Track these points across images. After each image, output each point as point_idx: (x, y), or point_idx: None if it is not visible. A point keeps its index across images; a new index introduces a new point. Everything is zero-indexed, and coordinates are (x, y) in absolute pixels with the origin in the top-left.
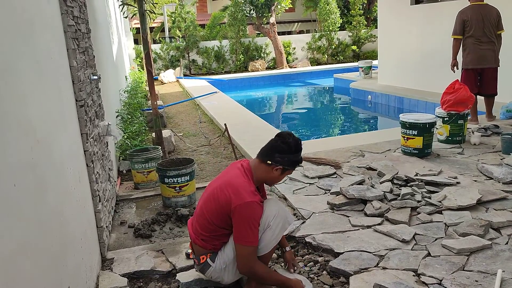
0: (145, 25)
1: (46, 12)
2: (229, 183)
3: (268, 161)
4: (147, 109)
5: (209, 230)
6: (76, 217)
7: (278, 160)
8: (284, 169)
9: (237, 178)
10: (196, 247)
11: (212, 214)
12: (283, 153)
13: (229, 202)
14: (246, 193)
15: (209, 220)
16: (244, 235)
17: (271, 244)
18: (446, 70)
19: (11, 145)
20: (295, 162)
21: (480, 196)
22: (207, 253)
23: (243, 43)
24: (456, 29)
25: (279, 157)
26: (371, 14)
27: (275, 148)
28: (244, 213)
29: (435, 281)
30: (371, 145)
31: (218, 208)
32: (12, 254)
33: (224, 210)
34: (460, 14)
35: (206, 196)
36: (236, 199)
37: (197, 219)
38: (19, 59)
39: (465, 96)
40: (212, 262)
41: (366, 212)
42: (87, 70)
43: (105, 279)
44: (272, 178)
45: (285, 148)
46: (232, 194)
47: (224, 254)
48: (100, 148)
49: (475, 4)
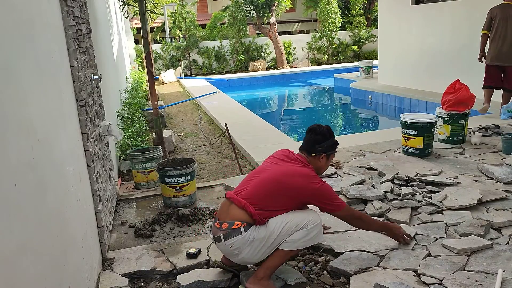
0: (146, 25)
1: (46, 12)
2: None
3: (313, 154)
4: (148, 109)
5: (268, 206)
6: (77, 217)
7: (320, 150)
8: (328, 155)
9: (301, 167)
10: (238, 212)
11: (278, 195)
12: (322, 142)
13: (307, 189)
14: (314, 177)
15: (273, 198)
16: (333, 203)
17: (298, 244)
18: (446, 70)
19: (11, 145)
20: (334, 145)
21: (481, 196)
22: (244, 221)
23: (244, 43)
24: (485, 25)
25: (319, 147)
26: (372, 14)
27: (314, 141)
28: (322, 194)
29: (436, 281)
30: (371, 145)
31: (287, 192)
32: (12, 254)
33: (296, 194)
34: (489, 11)
35: (265, 177)
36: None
37: (255, 192)
38: (20, 59)
39: (466, 96)
40: (244, 231)
41: (367, 212)
42: (88, 70)
43: (106, 279)
44: (321, 166)
45: (321, 137)
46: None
47: (257, 230)
48: (100, 148)
49: (506, 3)
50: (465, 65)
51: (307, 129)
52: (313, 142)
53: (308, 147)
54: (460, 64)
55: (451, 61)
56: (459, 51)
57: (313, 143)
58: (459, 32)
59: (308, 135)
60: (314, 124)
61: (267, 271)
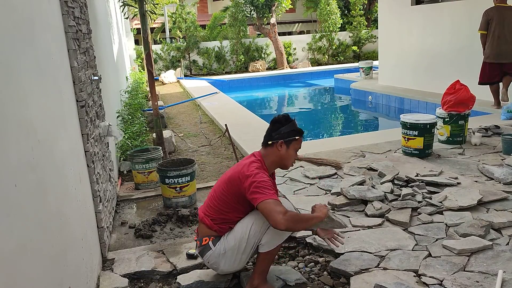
0: (146, 26)
1: (47, 13)
2: (240, 164)
3: (269, 142)
4: (148, 110)
5: (219, 212)
6: (77, 218)
7: (276, 137)
8: (287, 142)
9: (247, 160)
10: (202, 227)
11: (223, 195)
12: (277, 130)
13: (240, 177)
14: (254, 166)
15: (220, 201)
16: (260, 194)
17: (274, 241)
18: (446, 70)
19: (11, 145)
20: (293, 131)
21: (481, 197)
22: (210, 235)
23: (244, 43)
24: (482, 26)
25: (276, 134)
26: (372, 15)
27: (269, 130)
28: (255, 178)
29: (436, 281)
30: (371, 145)
31: (229, 188)
32: (12, 254)
33: (235, 188)
34: (485, 13)
35: (218, 183)
36: (246, 170)
37: (208, 202)
38: (20, 60)
39: (466, 97)
40: (213, 246)
41: (367, 212)
42: (88, 70)
43: (106, 280)
44: (282, 156)
45: (276, 125)
46: (242, 169)
47: (226, 240)
48: (100, 148)
49: (500, 6)
50: (465, 66)
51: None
52: (270, 131)
53: (265, 137)
54: (460, 64)
55: (451, 62)
56: (459, 52)
57: (270, 131)
58: (459, 33)
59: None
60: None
61: (260, 276)
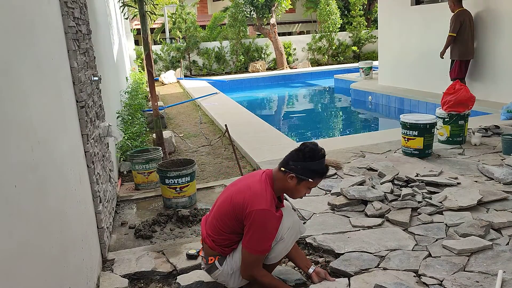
0: (146, 26)
1: (46, 13)
2: (248, 186)
3: (281, 168)
4: (148, 110)
5: (220, 233)
6: (77, 218)
7: (291, 168)
8: (299, 179)
9: (256, 184)
10: (205, 246)
11: (225, 216)
12: (296, 161)
13: (244, 206)
14: (263, 199)
15: (221, 222)
16: (253, 243)
17: (281, 255)
18: (446, 70)
19: (11, 146)
20: (311, 172)
21: (481, 197)
22: (215, 255)
23: (244, 44)
24: (455, 28)
25: (292, 165)
26: (372, 15)
27: (290, 155)
28: (258, 220)
29: (436, 281)
30: (371, 145)
31: (231, 211)
32: (12, 254)
33: (237, 213)
34: (458, 17)
35: (223, 198)
36: (252, 204)
37: (211, 220)
38: (20, 60)
39: (466, 97)
40: (219, 265)
41: (367, 212)
42: (88, 71)
43: (106, 280)
44: (289, 188)
45: (299, 155)
46: (248, 198)
47: (232, 260)
48: (100, 149)
49: (465, 9)
50: None
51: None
52: (290, 157)
53: (283, 160)
54: None
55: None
56: None
57: (289, 158)
58: None
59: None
60: (310, 142)
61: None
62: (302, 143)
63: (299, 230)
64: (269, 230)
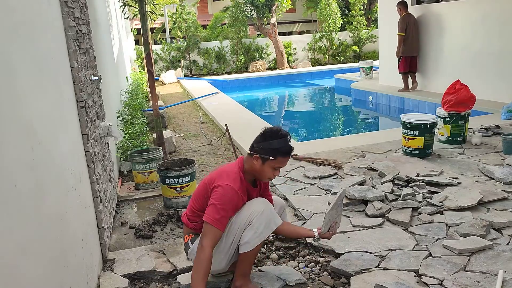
0: (146, 26)
1: (47, 13)
2: (220, 169)
3: (248, 151)
4: (148, 110)
5: (193, 212)
6: (77, 218)
7: (255, 149)
8: (262, 158)
9: (227, 166)
10: (184, 226)
11: (199, 196)
12: (258, 142)
13: (211, 182)
14: (228, 177)
15: (196, 202)
16: (209, 211)
17: (254, 242)
18: (447, 70)
19: (11, 145)
20: (272, 150)
21: (481, 197)
22: (189, 233)
23: (244, 43)
24: (403, 29)
25: (256, 146)
26: (372, 15)
27: (255, 139)
28: (218, 193)
29: (436, 281)
30: (372, 145)
31: (203, 190)
32: (12, 254)
33: (207, 190)
34: (404, 19)
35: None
36: (218, 180)
37: (189, 202)
38: (20, 60)
39: (466, 97)
40: (191, 244)
41: (367, 212)
42: (88, 71)
43: (106, 280)
44: (256, 169)
45: (260, 137)
46: (216, 175)
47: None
48: (101, 148)
49: (410, 13)
50: (465, 66)
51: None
52: (254, 140)
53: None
54: (460, 64)
55: (451, 61)
56: (459, 51)
57: (253, 141)
58: (459, 32)
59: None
60: (273, 126)
61: (242, 277)
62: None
63: (273, 219)
64: (225, 203)
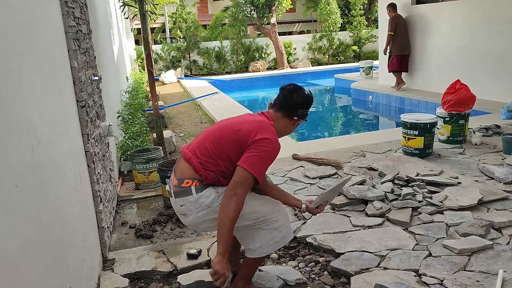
0: (146, 26)
1: (47, 13)
2: (254, 120)
3: (294, 117)
4: (148, 110)
5: (211, 157)
6: (77, 218)
7: (300, 115)
8: (297, 121)
9: (260, 118)
10: (185, 167)
11: (223, 140)
12: (305, 108)
13: (252, 133)
14: (271, 132)
15: (217, 146)
16: (253, 161)
17: (267, 249)
18: (447, 69)
19: (12, 145)
20: (305, 116)
21: (481, 196)
22: (194, 179)
23: (244, 43)
24: (391, 28)
25: (301, 112)
26: (372, 14)
27: (299, 104)
28: (268, 147)
29: (436, 281)
30: (372, 145)
31: (234, 137)
32: (13, 254)
33: (242, 139)
34: (394, 19)
35: (217, 128)
36: (262, 132)
37: (200, 144)
38: (20, 60)
39: (466, 96)
40: (195, 193)
41: (367, 212)
42: (88, 70)
43: (107, 280)
44: (289, 131)
45: (307, 102)
46: (257, 127)
47: (209, 198)
48: (101, 148)
49: (399, 14)
50: (465, 65)
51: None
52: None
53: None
54: (460, 64)
55: (451, 61)
56: (459, 51)
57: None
58: (459, 32)
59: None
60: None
61: (245, 280)
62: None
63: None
64: (271, 158)
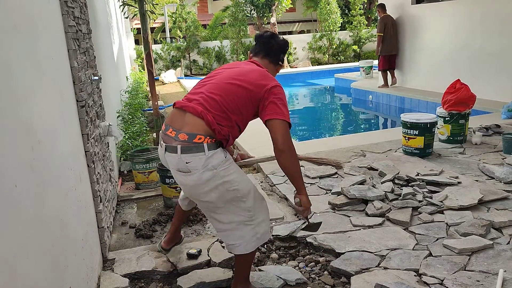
0: (146, 26)
1: (47, 13)
2: (253, 69)
3: (279, 62)
4: (148, 110)
5: (222, 110)
6: (77, 218)
7: (282, 60)
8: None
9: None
10: (197, 122)
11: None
12: (284, 53)
13: (262, 84)
14: (273, 78)
15: (227, 99)
16: (283, 111)
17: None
18: (447, 69)
19: (12, 145)
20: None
21: (482, 196)
22: (207, 135)
23: (244, 43)
24: (381, 29)
25: (282, 57)
26: (372, 14)
27: (280, 49)
28: (281, 93)
29: (437, 281)
30: (372, 145)
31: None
32: (13, 254)
33: (254, 91)
34: (383, 20)
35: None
36: (270, 81)
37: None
38: (20, 60)
39: (466, 96)
40: (207, 150)
41: (367, 212)
42: (88, 70)
43: (106, 280)
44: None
45: (286, 47)
46: (258, 75)
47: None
48: (101, 148)
49: (389, 15)
50: (465, 65)
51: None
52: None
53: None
54: (460, 63)
55: (451, 61)
56: (460, 51)
57: (281, 51)
58: (459, 32)
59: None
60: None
61: (242, 281)
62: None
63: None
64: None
